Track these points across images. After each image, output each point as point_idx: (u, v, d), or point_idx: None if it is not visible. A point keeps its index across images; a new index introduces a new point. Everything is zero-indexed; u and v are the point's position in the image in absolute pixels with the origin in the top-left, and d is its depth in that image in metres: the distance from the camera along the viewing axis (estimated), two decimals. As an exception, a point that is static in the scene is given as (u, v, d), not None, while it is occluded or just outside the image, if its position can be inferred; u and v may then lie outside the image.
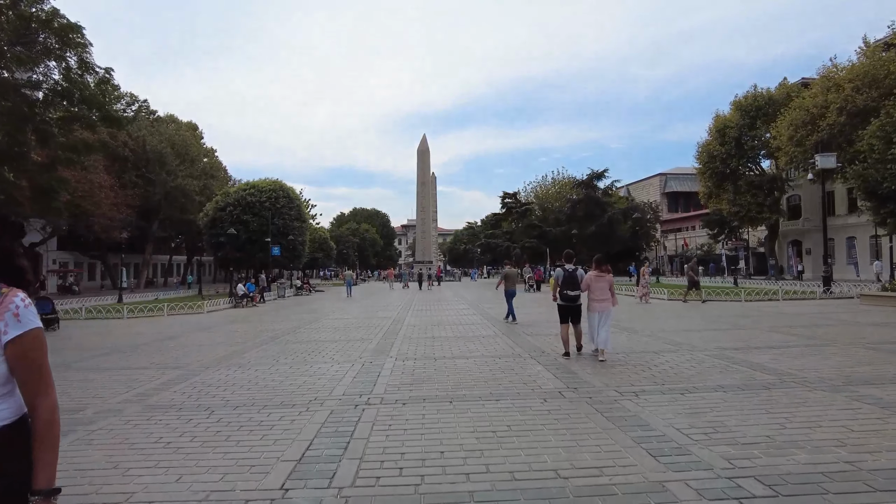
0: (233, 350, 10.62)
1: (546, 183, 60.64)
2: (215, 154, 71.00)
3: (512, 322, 13.94)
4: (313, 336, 12.60)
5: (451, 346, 10.32)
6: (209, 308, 22.57)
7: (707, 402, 5.75)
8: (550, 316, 14.99)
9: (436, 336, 11.84)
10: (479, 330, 12.85)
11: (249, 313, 21.14)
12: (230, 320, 18.03)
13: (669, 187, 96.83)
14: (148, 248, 60.15)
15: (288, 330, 14.16)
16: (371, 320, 16.19)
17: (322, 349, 10.37)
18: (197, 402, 6.35)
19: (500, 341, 10.76)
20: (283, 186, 40.70)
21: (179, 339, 13.06)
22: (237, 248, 38.24)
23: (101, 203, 43.07)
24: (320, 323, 15.99)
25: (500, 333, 12.04)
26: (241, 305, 24.74)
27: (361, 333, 12.80)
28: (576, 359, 8.66)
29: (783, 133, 38.78)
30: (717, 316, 15.20)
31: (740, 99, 47.59)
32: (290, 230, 38.98)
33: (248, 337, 12.89)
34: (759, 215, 47.04)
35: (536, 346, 10.07)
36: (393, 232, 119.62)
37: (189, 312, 21.59)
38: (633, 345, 9.99)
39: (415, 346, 10.41)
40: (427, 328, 13.52)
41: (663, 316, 15.66)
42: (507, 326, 13.34)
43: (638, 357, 8.62)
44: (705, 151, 49.05)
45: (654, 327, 12.67)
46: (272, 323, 16.50)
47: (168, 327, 16.20)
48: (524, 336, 11.48)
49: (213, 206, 40.13)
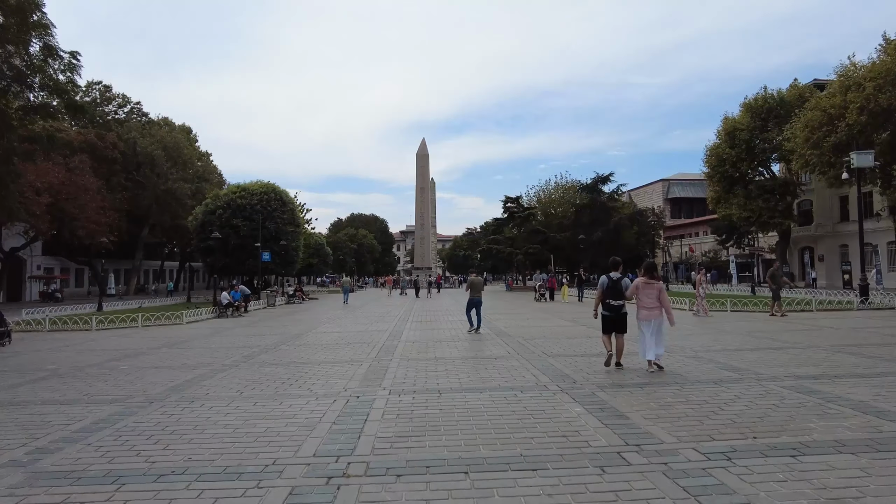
0: (194, 375, 8.77)
1: (549, 187, 59.01)
2: (210, 158, 69.33)
3: (476, 332, 13.61)
4: (294, 356, 10.75)
5: (459, 371, 8.49)
6: (189, 318, 20.69)
7: (839, 473, 3.92)
8: (569, 331, 13.47)
9: (439, 357, 10.00)
10: (489, 348, 11.02)
11: (233, 324, 19.28)
12: (208, 333, 16.17)
13: (672, 193, 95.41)
14: (138, 254, 58.31)
15: (268, 347, 12.30)
16: (364, 335, 14.34)
17: (301, 375, 8.52)
18: (108, 466, 4.50)
19: (517, 365, 8.93)
20: (276, 189, 38.88)
21: (139, 357, 11.20)
22: (227, 253, 36.41)
23: (86, 206, 41.26)
24: (307, 337, 14.13)
25: (513, 353, 10.22)
26: (226, 315, 22.87)
27: (351, 352, 10.95)
28: (621, 384, 6.86)
29: (798, 135, 37.11)
30: (756, 330, 13.38)
31: (750, 101, 46.01)
32: (282, 235, 37.11)
33: (219, 356, 11.04)
34: (771, 220, 45.34)
35: (562, 371, 8.25)
36: (391, 238, 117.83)
37: (166, 324, 19.72)
38: (681, 368, 8.16)
39: (414, 371, 8.57)
40: (428, 346, 11.69)
41: (694, 331, 13.82)
42: (520, 344, 11.51)
43: (698, 389, 6.80)
44: (714, 155, 47.40)
45: (694, 345, 10.84)
46: (252, 337, 14.63)
47: (135, 342, 14.34)
48: (544, 357, 9.65)
49: (203, 210, 38.29)
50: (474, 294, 14.16)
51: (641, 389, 6.81)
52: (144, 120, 61.70)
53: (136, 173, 52.84)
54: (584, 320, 17.04)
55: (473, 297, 14.13)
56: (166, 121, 63.20)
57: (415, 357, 10.04)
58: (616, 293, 8.35)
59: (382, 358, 10.02)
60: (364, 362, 9.58)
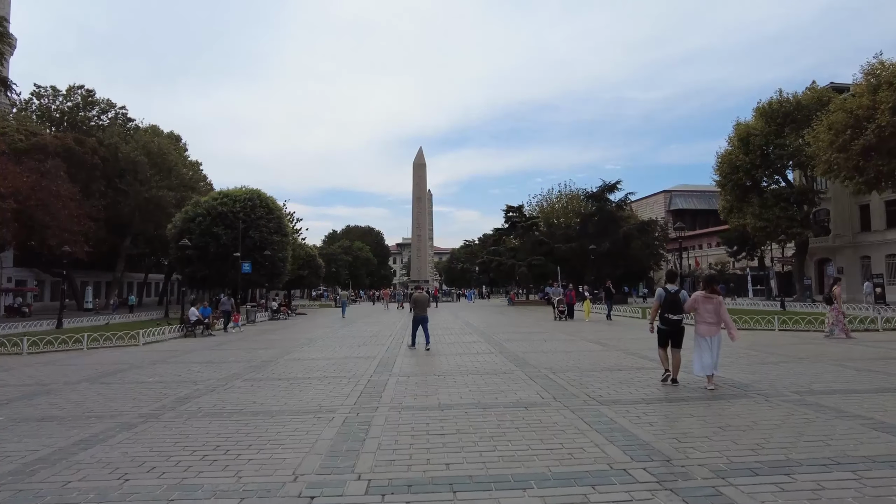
0: (81, 437, 5.86)
1: (552, 196, 56.36)
2: (200, 167, 66.60)
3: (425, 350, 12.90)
4: (244, 400, 7.82)
5: (478, 434, 5.59)
6: (148, 339, 17.72)
7: None
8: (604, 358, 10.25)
9: (444, 404, 7.10)
10: (513, 388, 8.14)
11: (197, 346, 16.33)
12: (158, 359, 13.21)
13: (675, 205, 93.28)
14: (119, 266, 55.19)
15: (217, 383, 9.37)
16: (347, 363, 11.43)
17: (233, 443, 5.60)
18: None
19: (562, 421, 6.05)
20: (261, 195, 36.05)
21: (34, 400, 8.25)
22: (206, 263, 33.45)
23: (57, 214, 38.29)
24: (275, 367, 11.20)
25: (547, 397, 7.35)
26: (193, 334, 19.90)
27: (324, 394, 8.04)
28: (751, 467, 3.99)
29: (822, 138, 34.66)
30: (868, 358, 10.53)
31: (764, 105, 43.67)
32: (267, 244, 34.20)
33: (146, 397, 8.11)
34: (789, 231, 42.75)
35: (636, 436, 5.39)
36: (387, 250, 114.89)
37: (118, 345, 16.75)
38: (798, 425, 5.29)
39: (409, 436, 5.64)
40: (428, 382, 8.79)
41: (766, 359, 10.95)
42: (550, 382, 8.65)
43: None
44: (726, 162, 44.87)
45: (783, 381, 7.96)
46: (206, 367, 11.68)
47: (56, 371, 11.41)
48: (594, 406, 6.78)
49: (182, 217, 35.43)
50: (419, 311, 13.64)
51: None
52: (131, 125, 59.02)
53: (118, 181, 49.93)
54: (615, 342, 14.17)
55: (418, 314, 13.62)
56: (154, 128, 60.41)
57: (410, 404, 7.14)
58: (675, 306, 8.02)
59: (364, 406, 7.11)
60: (337, 414, 6.67)
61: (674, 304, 8.05)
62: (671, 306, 8.05)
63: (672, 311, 8.04)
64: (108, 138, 51.41)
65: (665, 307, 8.09)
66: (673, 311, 8.04)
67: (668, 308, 8.06)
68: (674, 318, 8.02)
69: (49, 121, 53.73)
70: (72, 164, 44.73)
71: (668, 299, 8.08)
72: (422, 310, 13.72)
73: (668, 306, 8.06)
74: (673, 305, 8.05)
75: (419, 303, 13.91)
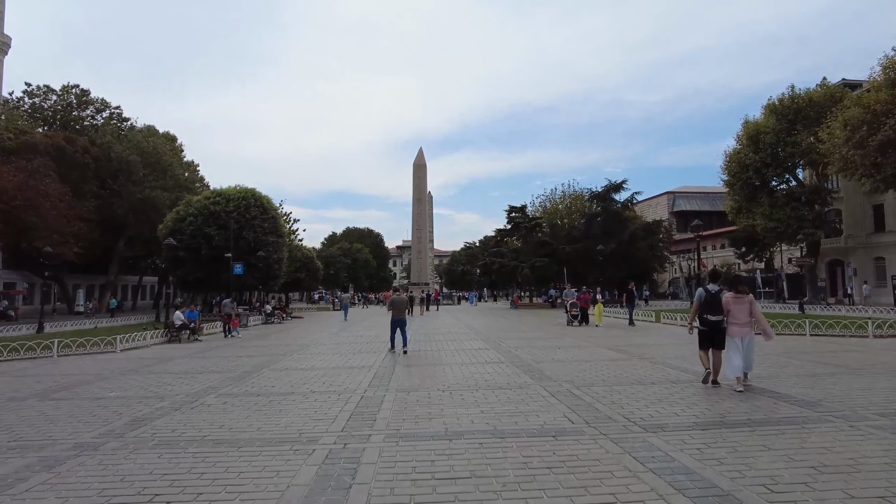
0: None
1: (555, 197, 55.03)
2: (197, 168, 65.34)
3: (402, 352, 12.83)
4: (207, 426, 6.47)
5: (501, 483, 4.25)
6: (127, 345, 16.40)
7: None
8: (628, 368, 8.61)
9: (452, 430, 5.78)
10: (534, 407, 6.82)
11: (177, 353, 14.99)
12: (131, 368, 11.89)
13: (678, 206, 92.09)
14: (112, 268, 53.84)
15: (185, 399, 8.05)
16: (338, 375, 10.11)
17: (179, 491, 4.28)
18: None
19: (601, 455, 4.73)
20: (256, 195, 34.75)
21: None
22: (199, 265, 32.14)
23: (46, 214, 36.98)
24: (256, 379, 9.87)
25: (577, 419, 6.04)
26: (178, 340, 18.57)
27: (306, 416, 6.71)
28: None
29: (838, 134, 33.42)
30: None
31: (774, 102, 42.45)
32: (262, 245, 32.88)
33: (92, 422, 6.78)
34: (800, 231, 41.47)
35: (697, 474, 4.06)
36: (387, 252, 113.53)
37: (93, 352, 15.43)
38: None
39: (407, 484, 4.26)
40: (431, 400, 7.47)
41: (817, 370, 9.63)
42: (576, 399, 7.34)
43: None
44: (735, 161, 43.64)
45: (855, 398, 6.64)
46: (180, 378, 10.34)
47: (18, 380, 10.12)
48: (636, 432, 5.46)
49: (173, 218, 34.15)
50: (397, 314, 13.43)
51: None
52: (126, 125, 57.75)
53: (111, 181, 48.63)
54: (635, 350, 12.85)
55: (396, 316, 13.42)
56: (150, 128, 59.09)
57: (410, 431, 5.81)
58: (714, 307, 7.87)
59: (354, 433, 5.77)
60: (319, 445, 5.35)
61: (713, 305, 7.83)
62: (710, 307, 7.86)
63: (711, 312, 7.85)
64: (101, 137, 50.15)
65: (704, 308, 7.92)
66: (712, 311, 7.85)
67: (706, 309, 7.89)
68: (712, 318, 7.83)
69: (41, 120, 52.46)
70: (63, 164, 43.46)
71: (706, 300, 7.90)
72: (399, 312, 13.50)
73: (707, 307, 7.88)
74: (712, 306, 7.84)
75: (397, 305, 13.64)
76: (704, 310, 7.92)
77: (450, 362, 11.38)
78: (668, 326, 20.44)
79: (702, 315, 7.95)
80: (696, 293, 8.45)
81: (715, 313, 7.81)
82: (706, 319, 7.89)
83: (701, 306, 7.97)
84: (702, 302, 7.97)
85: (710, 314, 7.85)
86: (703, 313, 7.92)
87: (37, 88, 53.34)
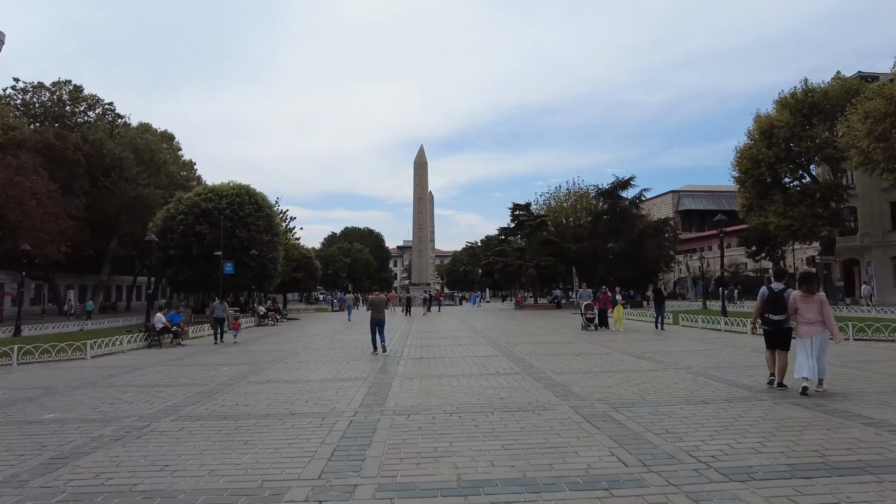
0: None
1: (560, 195, 53.49)
2: (194, 167, 64.01)
3: (382, 353, 12.89)
4: (144, 466, 4.96)
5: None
6: (100, 350, 14.93)
7: None
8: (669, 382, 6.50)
9: (465, 482, 4.26)
10: (565, 436, 5.34)
11: (154, 361, 13.52)
12: (92, 380, 10.41)
13: (683, 205, 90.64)
14: (105, 268, 52.43)
15: (133, 425, 6.56)
16: (326, 390, 8.62)
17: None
18: None
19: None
20: (250, 191, 33.31)
21: None
22: (189, 264, 30.71)
23: (31, 212, 35.54)
24: (224, 397, 8.37)
25: (631, 456, 4.54)
26: (158, 344, 17.10)
27: (271, 458, 5.19)
28: None
29: (858, 128, 31.90)
30: None
31: (787, 96, 40.87)
32: (255, 244, 31.41)
33: (8, 457, 5.32)
34: (815, 229, 39.90)
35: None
36: (388, 253, 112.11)
37: (61, 359, 13.96)
38: None
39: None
40: (435, 430, 5.95)
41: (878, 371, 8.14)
42: (621, 428, 5.85)
43: None
44: (746, 157, 42.01)
45: None
46: (137, 395, 8.87)
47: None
48: (715, 484, 3.97)
49: (164, 215, 32.72)
50: (376, 314, 13.44)
51: None
52: (119, 122, 56.35)
53: (103, 178, 47.21)
54: (667, 358, 11.35)
55: (375, 316, 13.43)
56: (145, 126, 57.66)
57: (411, 480, 4.31)
58: (777, 306, 7.53)
59: (334, 483, 4.25)
60: (288, 498, 3.87)
61: (776, 304, 7.54)
62: (773, 306, 7.57)
63: (773, 311, 7.56)
64: (93, 134, 48.76)
65: (767, 306, 7.65)
66: (774, 310, 7.55)
67: (769, 308, 7.62)
68: (774, 318, 7.56)
69: (32, 117, 51.07)
70: (52, 161, 42.11)
71: (769, 298, 7.61)
72: (378, 312, 13.46)
73: (770, 306, 7.60)
74: (775, 305, 7.55)
75: (376, 305, 13.66)
76: (767, 309, 7.61)
77: (456, 373, 9.89)
78: (690, 329, 18.96)
79: (764, 314, 7.67)
80: (759, 292, 8.01)
81: (777, 312, 7.50)
82: (768, 319, 7.61)
83: (763, 305, 7.67)
84: (765, 300, 7.67)
85: (772, 313, 7.54)
86: (766, 312, 7.63)
87: (28, 85, 51.98)
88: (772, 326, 7.59)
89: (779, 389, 7.39)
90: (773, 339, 7.62)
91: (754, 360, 10.63)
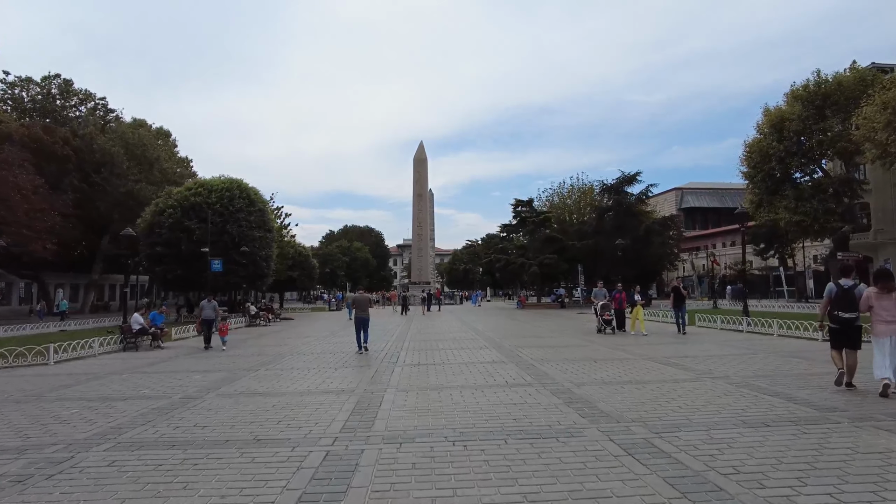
0: None
1: (563, 191, 52.09)
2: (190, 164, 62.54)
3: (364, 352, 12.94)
4: None
5: None
6: (65, 355, 13.61)
7: None
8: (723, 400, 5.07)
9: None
10: (601, 474, 4.02)
11: (119, 366, 12.20)
12: (40, 391, 9.07)
13: (686, 202, 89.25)
14: (96, 267, 51.07)
15: (49, 459, 5.23)
16: (303, 408, 7.29)
17: None
18: None
19: None
20: (242, 185, 31.96)
21: None
22: (178, 261, 29.37)
23: (15, 208, 34.22)
24: (181, 416, 7.03)
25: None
26: (135, 347, 15.77)
27: (228, 497, 3.91)
28: None
29: (876, 119, 30.57)
30: None
31: (798, 88, 39.49)
32: (247, 240, 30.07)
33: None
34: (828, 225, 38.54)
35: None
36: (387, 251, 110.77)
37: (21, 364, 12.63)
38: None
39: None
40: (434, 465, 4.61)
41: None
42: (693, 477, 4.52)
43: None
44: (756, 151, 40.61)
45: None
46: (81, 412, 7.54)
47: None
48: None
49: (152, 211, 31.38)
50: (360, 312, 13.60)
51: None
52: (112, 117, 54.94)
53: (94, 174, 45.80)
54: (697, 365, 9.99)
55: (359, 315, 13.56)
56: (140, 122, 56.21)
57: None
58: (847, 304, 7.17)
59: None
60: None
61: (845, 301, 7.21)
62: (842, 303, 7.24)
63: (843, 309, 7.23)
64: (84, 129, 47.38)
65: (835, 304, 7.32)
66: (843, 308, 7.22)
67: (838, 305, 7.29)
68: (844, 316, 7.25)
69: (22, 111, 49.65)
70: (40, 156, 40.73)
71: (838, 295, 7.30)
72: (362, 311, 13.59)
73: (839, 303, 7.28)
74: (844, 302, 7.22)
75: (360, 303, 13.82)
76: (836, 306, 7.27)
77: (459, 384, 8.55)
78: (709, 330, 17.63)
79: (832, 312, 7.33)
80: (826, 288, 7.59)
81: (848, 310, 7.17)
82: (837, 316, 7.28)
83: (832, 302, 7.33)
84: (833, 298, 7.33)
85: (842, 311, 7.22)
86: (835, 310, 7.29)
87: (17, 79, 50.57)
88: (841, 325, 7.22)
89: (848, 391, 7.12)
90: (843, 338, 7.26)
91: (798, 368, 9.33)
